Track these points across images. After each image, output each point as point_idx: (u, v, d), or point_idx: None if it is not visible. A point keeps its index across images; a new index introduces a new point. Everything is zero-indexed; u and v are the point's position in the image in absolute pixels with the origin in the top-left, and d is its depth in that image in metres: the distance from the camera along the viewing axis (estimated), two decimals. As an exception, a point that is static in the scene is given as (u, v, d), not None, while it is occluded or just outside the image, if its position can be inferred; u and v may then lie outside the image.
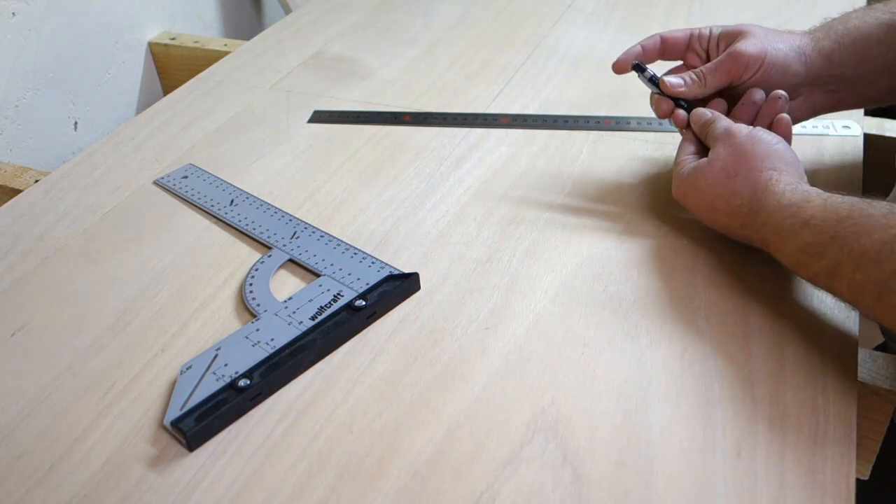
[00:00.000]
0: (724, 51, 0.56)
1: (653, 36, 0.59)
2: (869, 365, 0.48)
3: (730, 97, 0.58)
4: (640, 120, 0.70)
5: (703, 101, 0.57)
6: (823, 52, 0.55)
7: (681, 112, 0.57)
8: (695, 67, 0.58)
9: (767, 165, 0.49)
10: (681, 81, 0.56)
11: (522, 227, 0.58)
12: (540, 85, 0.78)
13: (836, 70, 0.55)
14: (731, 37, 0.57)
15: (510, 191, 0.62)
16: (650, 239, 0.56)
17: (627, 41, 0.84)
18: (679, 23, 0.88)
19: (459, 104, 0.75)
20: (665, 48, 0.59)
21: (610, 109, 0.72)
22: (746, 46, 0.54)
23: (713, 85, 0.56)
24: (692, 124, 0.56)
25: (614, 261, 0.54)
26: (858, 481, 0.40)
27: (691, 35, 0.59)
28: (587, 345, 0.47)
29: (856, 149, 0.64)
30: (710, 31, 0.58)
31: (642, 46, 0.59)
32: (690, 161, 0.54)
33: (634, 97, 0.74)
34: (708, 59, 0.58)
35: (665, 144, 0.66)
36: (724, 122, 0.53)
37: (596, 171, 0.64)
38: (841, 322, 0.48)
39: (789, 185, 0.47)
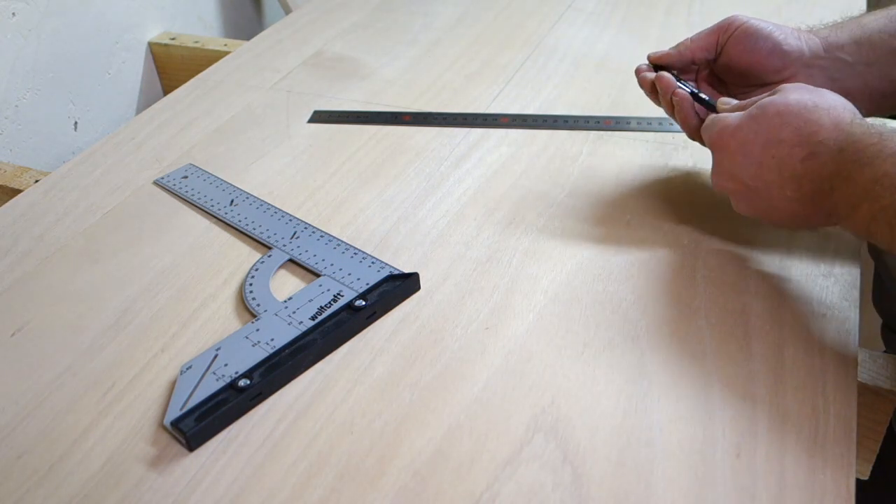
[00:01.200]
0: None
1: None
2: (869, 365, 0.48)
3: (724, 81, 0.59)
4: (640, 120, 0.70)
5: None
6: (820, 34, 0.55)
7: (682, 92, 0.55)
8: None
9: (850, 108, 0.45)
10: (664, 50, 0.58)
11: (522, 227, 0.58)
12: (540, 85, 0.78)
13: (834, 52, 0.54)
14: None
15: (510, 191, 0.62)
16: (650, 239, 0.56)
17: (627, 41, 0.85)
18: (679, 23, 0.88)
19: (459, 104, 0.75)
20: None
21: (610, 109, 0.72)
22: (735, 16, 0.56)
23: (696, 43, 0.56)
24: (720, 107, 0.53)
25: (614, 261, 0.54)
26: (858, 481, 0.40)
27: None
28: (587, 345, 0.47)
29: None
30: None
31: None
32: (738, 113, 0.49)
33: (634, 97, 0.74)
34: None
35: (665, 144, 0.66)
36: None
37: (596, 171, 0.64)
38: (841, 322, 0.48)
39: (876, 124, 0.44)
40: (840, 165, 0.43)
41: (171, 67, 1.03)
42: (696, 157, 0.64)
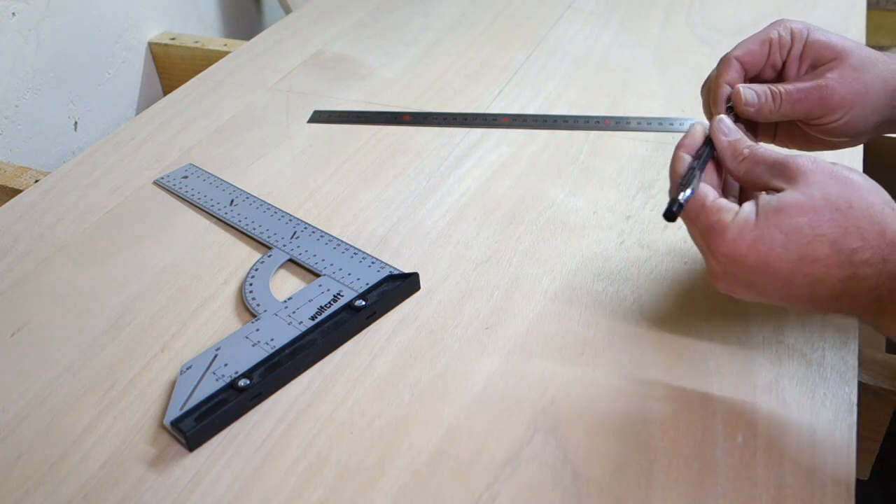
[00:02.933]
0: (807, 69, 0.46)
1: (728, 61, 0.47)
2: (869, 365, 0.48)
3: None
4: (639, 120, 0.70)
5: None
6: None
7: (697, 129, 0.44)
8: (767, 80, 0.47)
9: (887, 199, 0.38)
10: (755, 98, 0.45)
11: (522, 227, 0.58)
12: (540, 85, 0.78)
13: None
14: (819, 51, 0.46)
15: (510, 191, 0.62)
16: (650, 239, 0.56)
17: (627, 41, 0.85)
18: (679, 23, 0.88)
19: (459, 104, 0.75)
20: (745, 71, 0.47)
21: (610, 109, 0.72)
22: (840, 84, 0.44)
23: (786, 114, 0.45)
24: (729, 155, 0.42)
25: (614, 261, 0.54)
26: (858, 481, 0.40)
27: (770, 45, 0.47)
28: (587, 345, 0.47)
29: (855, 149, 0.64)
30: (793, 35, 0.46)
31: (729, 84, 0.47)
32: (739, 208, 0.39)
33: (634, 97, 0.74)
34: (783, 70, 0.47)
35: (665, 144, 0.66)
36: (790, 154, 0.40)
37: (596, 170, 0.64)
38: (841, 322, 0.48)
39: None
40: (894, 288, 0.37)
41: (171, 67, 1.03)
42: (696, 157, 0.64)
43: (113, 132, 0.75)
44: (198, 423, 0.43)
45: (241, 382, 0.45)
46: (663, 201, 0.59)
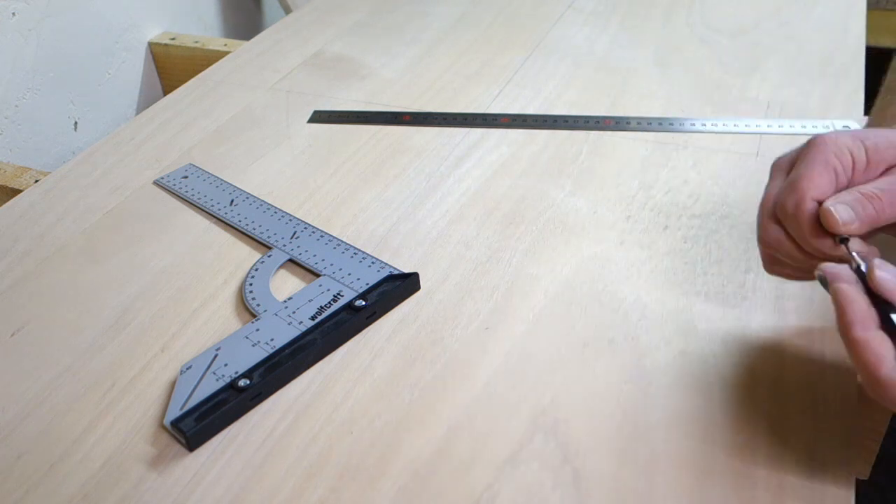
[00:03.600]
0: (882, 173, 0.40)
1: (804, 205, 0.39)
2: (869, 365, 0.48)
3: None
4: (639, 120, 0.70)
5: None
6: None
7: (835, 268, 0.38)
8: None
9: None
10: (851, 214, 0.38)
11: (522, 227, 0.58)
12: (540, 85, 0.78)
13: None
14: (886, 153, 0.40)
15: (510, 191, 0.62)
16: (650, 239, 0.56)
17: (627, 41, 0.85)
18: (679, 23, 0.88)
19: (459, 104, 0.75)
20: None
21: (610, 109, 0.72)
22: None
23: (887, 219, 0.39)
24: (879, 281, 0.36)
25: (614, 261, 0.54)
26: (858, 481, 0.40)
27: (836, 174, 0.40)
28: (587, 345, 0.47)
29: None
30: (852, 154, 0.40)
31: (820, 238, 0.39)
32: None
33: (634, 97, 0.74)
34: (853, 175, 0.41)
35: (665, 144, 0.66)
36: None
37: (596, 170, 0.64)
38: (841, 322, 0.48)
39: None
40: None
41: (171, 67, 1.03)
42: (696, 157, 0.64)
43: (113, 132, 0.75)
44: (198, 423, 0.43)
45: (241, 382, 0.45)
46: (663, 201, 0.59)
